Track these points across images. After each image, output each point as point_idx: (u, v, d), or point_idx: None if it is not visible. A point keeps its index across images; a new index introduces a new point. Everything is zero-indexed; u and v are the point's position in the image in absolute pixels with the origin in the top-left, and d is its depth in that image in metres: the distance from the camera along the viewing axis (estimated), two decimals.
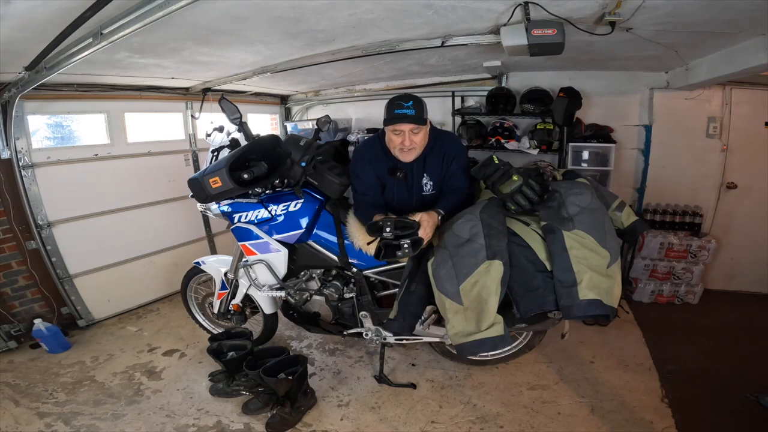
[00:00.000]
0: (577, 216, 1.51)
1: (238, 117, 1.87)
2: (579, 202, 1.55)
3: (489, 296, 1.42)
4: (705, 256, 3.04)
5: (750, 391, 2.04)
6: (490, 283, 1.42)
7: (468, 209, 1.62)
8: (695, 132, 3.18)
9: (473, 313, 1.45)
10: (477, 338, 1.44)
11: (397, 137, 1.78)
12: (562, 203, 1.55)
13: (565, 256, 1.47)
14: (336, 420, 1.95)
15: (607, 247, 1.49)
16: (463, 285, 1.43)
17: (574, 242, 1.48)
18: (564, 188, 1.61)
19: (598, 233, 1.50)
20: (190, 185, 1.80)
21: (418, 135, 1.77)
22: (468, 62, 2.99)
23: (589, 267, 1.46)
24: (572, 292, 1.45)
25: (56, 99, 2.69)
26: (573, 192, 1.57)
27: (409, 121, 1.70)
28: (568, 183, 1.66)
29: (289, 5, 1.64)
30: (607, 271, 1.47)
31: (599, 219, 1.55)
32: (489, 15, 1.83)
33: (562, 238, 1.48)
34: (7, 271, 2.61)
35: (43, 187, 2.65)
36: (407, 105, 1.69)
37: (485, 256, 1.42)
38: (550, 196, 1.61)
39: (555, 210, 1.56)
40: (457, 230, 1.50)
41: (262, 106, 4.39)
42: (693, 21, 1.84)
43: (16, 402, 2.09)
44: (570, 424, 1.87)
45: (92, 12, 1.40)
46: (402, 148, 1.79)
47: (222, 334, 2.27)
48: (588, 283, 1.44)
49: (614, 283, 1.49)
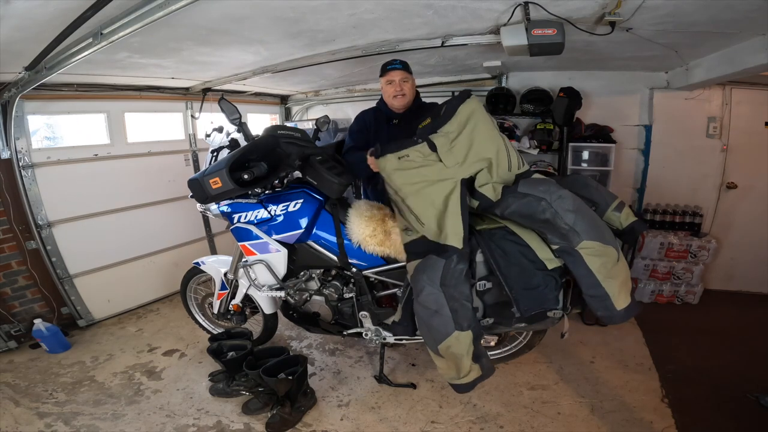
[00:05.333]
0: (576, 224, 1.47)
1: (237, 117, 1.87)
2: (566, 206, 1.48)
3: (462, 357, 1.54)
4: (705, 256, 3.04)
5: (750, 391, 2.03)
6: (461, 349, 1.52)
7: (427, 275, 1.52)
8: (695, 132, 3.18)
9: (452, 364, 1.57)
10: (459, 383, 1.59)
11: (390, 87, 2.14)
12: (555, 213, 1.47)
13: (591, 275, 1.47)
14: (336, 420, 1.95)
15: (610, 243, 1.49)
16: (440, 346, 1.54)
17: (591, 256, 1.46)
18: (544, 192, 1.50)
19: (597, 233, 1.49)
20: (190, 186, 1.79)
21: (407, 84, 2.15)
22: (468, 62, 2.99)
23: (611, 275, 1.46)
24: (608, 305, 1.48)
25: (56, 99, 2.69)
26: (557, 197, 1.48)
27: (399, 70, 2.12)
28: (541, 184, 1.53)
29: (289, 5, 1.65)
30: (618, 265, 1.50)
31: (589, 215, 1.52)
32: (489, 15, 1.83)
33: (581, 258, 1.46)
34: (7, 271, 2.61)
35: (43, 187, 2.65)
36: (396, 62, 2.14)
37: (453, 328, 1.50)
38: (538, 207, 1.49)
39: (552, 224, 1.48)
40: (424, 302, 1.52)
41: (262, 106, 4.40)
42: (693, 21, 1.84)
43: (16, 402, 2.09)
44: (570, 424, 1.87)
45: (92, 12, 1.40)
46: (395, 95, 2.15)
47: (222, 334, 2.27)
48: (618, 291, 1.47)
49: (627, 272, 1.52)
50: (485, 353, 1.62)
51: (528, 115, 3.30)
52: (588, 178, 1.96)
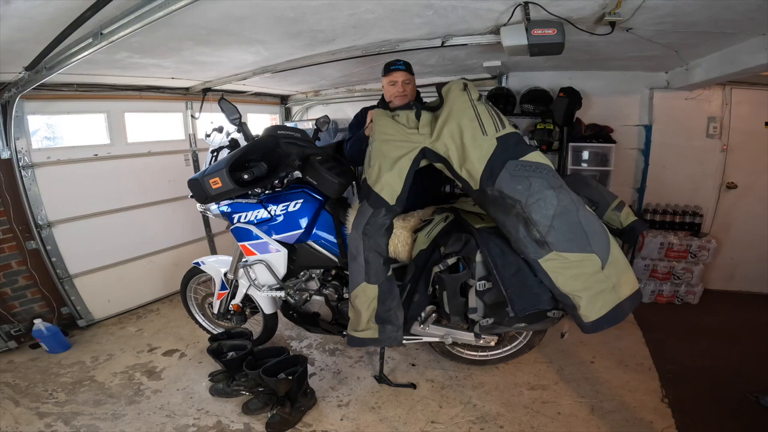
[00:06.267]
0: (550, 233, 1.41)
1: (237, 117, 1.87)
2: (545, 211, 1.43)
3: (362, 310, 1.67)
4: (705, 256, 3.04)
5: (750, 391, 2.03)
6: (364, 301, 1.66)
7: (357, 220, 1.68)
8: (695, 132, 3.18)
9: (355, 314, 1.71)
10: (353, 335, 1.74)
11: (392, 87, 2.13)
12: (528, 219, 1.43)
13: (554, 286, 1.45)
14: (336, 420, 1.95)
15: (593, 250, 1.43)
16: (351, 295, 1.69)
17: (557, 266, 1.42)
18: (521, 193, 1.45)
19: (578, 242, 1.42)
20: (190, 186, 1.80)
21: (409, 85, 2.15)
22: (468, 62, 2.98)
23: (582, 287, 1.42)
24: (575, 315, 1.48)
25: (56, 99, 2.69)
26: (535, 200, 1.43)
27: (402, 71, 2.11)
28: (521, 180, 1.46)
29: (289, 5, 1.65)
30: (604, 272, 1.44)
31: (574, 220, 1.44)
32: (489, 15, 1.83)
33: (543, 270, 1.44)
34: (7, 271, 2.61)
35: (43, 187, 2.65)
36: (399, 62, 2.13)
37: (363, 279, 1.63)
38: (510, 209, 1.46)
39: (524, 231, 1.44)
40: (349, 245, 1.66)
41: (262, 106, 4.40)
42: (693, 21, 1.84)
43: (16, 402, 2.09)
44: (570, 424, 1.87)
45: (92, 12, 1.40)
46: (397, 95, 2.14)
47: (222, 334, 2.27)
48: (587, 305, 1.43)
49: (619, 273, 1.47)
50: (395, 323, 1.70)
51: (528, 115, 3.29)
52: (588, 177, 1.96)
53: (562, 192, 1.48)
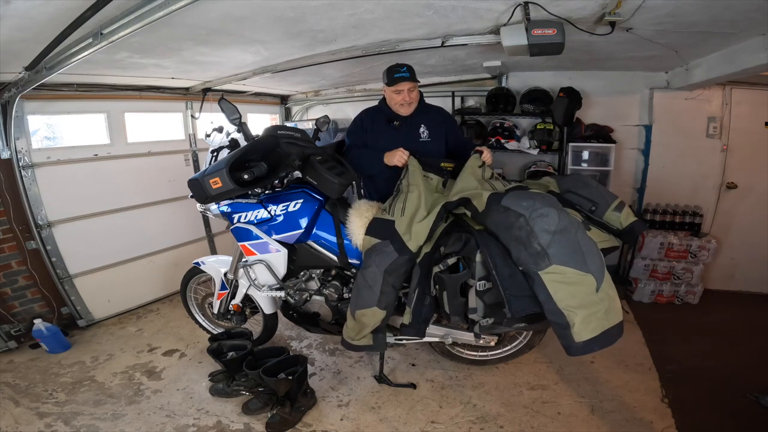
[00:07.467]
0: (551, 246, 1.43)
1: (237, 117, 1.87)
2: (547, 226, 1.44)
3: (367, 327, 1.81)
4: (705, 256, 3.04)
5: (750, 391, 2.03)
6: (371, 320, 1.78)
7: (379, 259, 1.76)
8: (695, 132, 3.18)
9: (358, 328, 1.82)
10: (351, 343, 1.86)
11: (398, 95, 2.13)
12: (531, 231, 1.46)
13: (551, 301, 1.43)
14: (336, 420, 1.95)
15: (589, 270, 1.43)
16: (358, 311, 1.79)
17: (556, 281, 1.42)
18: (526, 209, 1.50)
19: (576, 259, 1.43)
20: (190, 186, 1.79)
21: (414, 92, 2.15)
22: (468, 62, 2.99)
23: (578, 305, 1.41)
24: (566, 334, 1.44)
25: (56, 99, 2.69)
26: (538, 215, 1.47)
27: (407, 80, 2.08)
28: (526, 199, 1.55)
29: (289, 5, 1.65)
30: (598, 295, 1.43)
31: (573, 239, 1.46)
32: (489, 15, 1.84)
33: (542, 282, 1.44)
34: (7, 271, 2.61)
35: (43, 187, 2.65)
36: (403, 70, 2.08)
37: (375, 304, 1.75)
38: (516, 222, 1.50)
39: (525, 243, 1.47)
40: (366, 276, 1.77)
41: (262, 106, 4.39)
42: (693, 21, 1.84)
43: (16, 402, 2.09)
44: (570, 424, 1.87)
45: (92, 12, 1.40)
46: (403, 104, 2.15)
47: (222, 334, 2.27)
48: (581, 323, 1.41)
49: (610, 299, 1.46)
50: (385, 332, 1.89)
51: (528, 115, 3.30)
52: (588, 177, 1.96)
53: (563, 213, 1.52)
